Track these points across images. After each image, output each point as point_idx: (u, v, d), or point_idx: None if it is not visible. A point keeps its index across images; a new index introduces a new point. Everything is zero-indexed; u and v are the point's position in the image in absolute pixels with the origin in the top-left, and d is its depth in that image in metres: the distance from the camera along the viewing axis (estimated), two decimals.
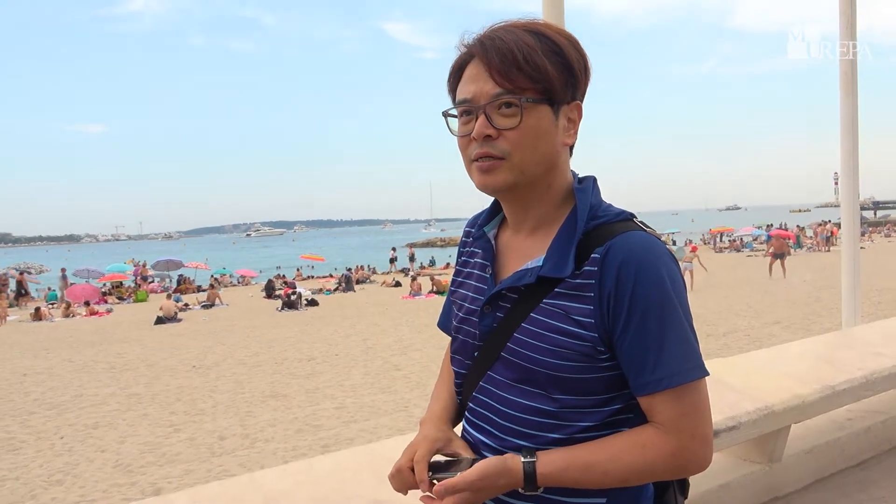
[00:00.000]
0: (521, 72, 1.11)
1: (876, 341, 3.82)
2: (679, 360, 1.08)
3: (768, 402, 2.85)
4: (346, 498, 1.98)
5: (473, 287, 1.29)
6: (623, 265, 1.08)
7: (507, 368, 1.18)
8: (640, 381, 1.09)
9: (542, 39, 1.14)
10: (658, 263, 1.09)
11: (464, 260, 1.38)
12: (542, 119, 1.14)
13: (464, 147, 1.18)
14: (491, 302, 1.21)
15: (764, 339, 11.55)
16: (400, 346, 13.64)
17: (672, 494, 1.25)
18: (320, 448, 7.39)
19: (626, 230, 1.12)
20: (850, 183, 4.80)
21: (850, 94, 4.63)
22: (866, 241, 38.49)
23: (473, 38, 1.17)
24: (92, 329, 20.17)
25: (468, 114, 1.16)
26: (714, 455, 1.74)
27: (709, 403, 1.12)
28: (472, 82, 1.15)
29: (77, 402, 10.34)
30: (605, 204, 1.21)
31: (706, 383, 1.13)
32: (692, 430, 1.09)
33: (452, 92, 1.22)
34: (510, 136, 1.12)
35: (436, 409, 1.36)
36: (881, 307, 13.47)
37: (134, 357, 14.25)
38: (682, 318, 1.10)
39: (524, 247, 1.23)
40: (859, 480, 3.31)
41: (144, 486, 6.66)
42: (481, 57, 1.14)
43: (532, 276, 1.15)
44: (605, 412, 1.14)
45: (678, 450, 1.09)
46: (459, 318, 1.30)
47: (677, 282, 1.12)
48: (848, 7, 4.57)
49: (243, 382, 11.13)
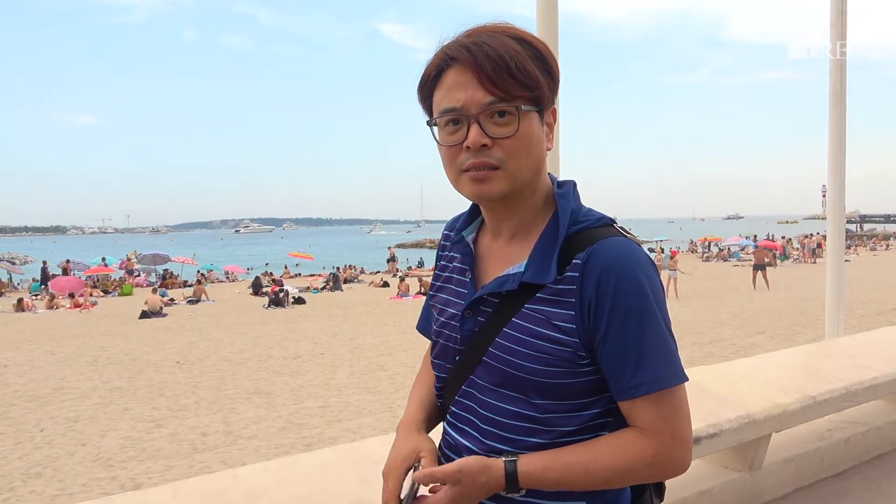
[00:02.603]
0: (514, 79, 1.10)
1: (858, 353, 3.85)
2: (659, 366, 1.09)
3: (750, 410, 2.87)
4: (328, 496, 1.98)
5: (453, 291, 1.29)
6: (604, 271, 1.08)
7: (488, 373, 1.18)
8: (622, 386, 1.10)
9: (525, 45, 1.13)
10: (638, 269, 1.10)
11: (442, 264, 1.37)
12: (533, 126, 1.14)
13: (452, 157, 1.15)
14: (472, 307, 1.21)
15: (748, 348, 11.64)
16: (386, 347, 13.62)
17: (648, 497, 1.26)
18: (303, 447, 7.37)
19: (607, 235, 1.13)
20: (837, 195, 4.85)
21: (839, 107, 4.68)
22: (851, 254, 38.84)
23: (455, 44, 1.13)
24: (76, 321, 20.01)
25: (455, 123, 1.13)
26: (694, 462, 1.75)
27: (688, 408, 1.14)
28: (460, 90, 1.11)
29: (58, 395, 10.26)
30: (585, 209, 1.21)
31: (685, 388, 1.14)
32: (672, 433, 1.10)
33: (427, 99, 1.18)
34: (506, 145, 1.11)
35: (412, 413, 1.35)
36: (864, 320, 13.60)
37: (117, 351, 14.15)
38: (662, 324, 1.11)
39: (504, 252, 1.22)
40: (838, 490, 3.34)
41: (124, 480, 6.62)
42: (469, 64, 1.10)
43: (514, 282, 1.15)
44: (586, 416, 1.15)
45: (658, 452, 1.10)
46: (440, 322, 1.29)
47: (657, 288, 1.13)
48: (838, 21, 4.62)
49: (227, 379, 11.08)
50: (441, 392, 1.31)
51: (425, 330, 1.43)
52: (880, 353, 3.84)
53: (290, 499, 1.97)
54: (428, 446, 1.24)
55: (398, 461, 1.21)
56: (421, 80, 1.19)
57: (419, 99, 1.21)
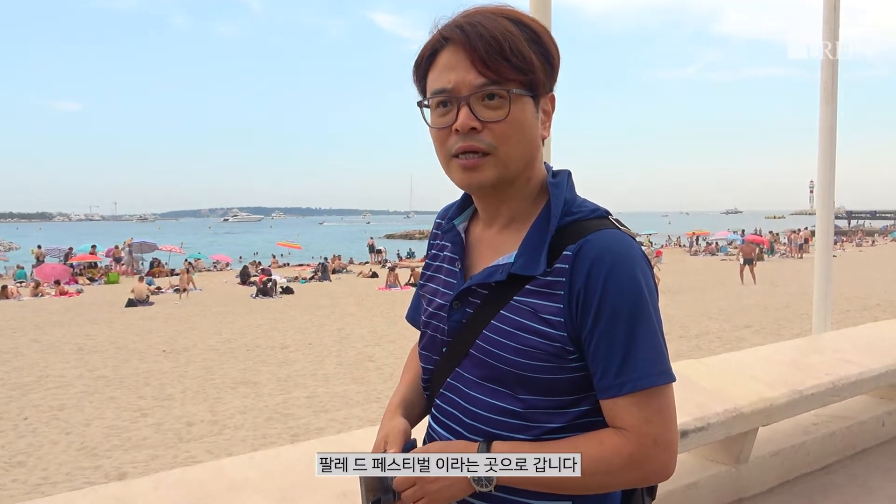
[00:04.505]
0: (507, 62, 1.06)
1: (844, 348, 3.87)
2: (646, 364, 1.05)
3: (737, 404, 2.88)
4: (312, 488, 1.96)
5: (442, 281, 1.26)
6: (595, 263, 1.05)
7: (474, 366, 1.15)
8: (604, 384, 1.06)
9: (521, 27, 1.10)
10: (632, 263, 1.06)
11: (433, 253, 1.34)
12: (526, 111, 1.10)
13: (442, 140, 1.12)
14: (460, 297, 1.18)
15: (734, 342, 11.70)
16: (374, 337, 13.61)
17: (640, 496, 1.22)
18: (290, 437, 7.35)
19: (600, 228, 1.09)
20: (826, 192, 4.86)
21: (830, 103, 4.68)
22: (837, 249, 39.19)
23: (450, 24, 1.11)
24: (61, 309, 19.84)
25: (445, 104, 1.10)
26: (681, 455, 1.73)
27: (675, 410, 1.09)
28: (451, 71, 1.08)
29: (42, 383, 10.17)
30: (579, 199, 1.17)
31: (673, 389, 1.09)
32: (654, 436, 1.05)
33: (422, 80, 1.15)
34: (496, 129, 1.08)
35: (391, 401, 1.34)
36: (849, 315, 13.72)
37: (103, 339, 14.05)
38: (653, 322, 1.07)
39: (496, 242, 1.19)
40: (823, 484, 3.36)
41: (109, 470, 6.58)
42: (462, 44, 1.07)
43: (503, 274, 1.12)
44: (572, 414, 1.12)
45: (637, 453, 1.05)
46: (429, 312, 1.26)
47: (650, 284, 1.09)
48: (831, 17, 4.62)
49: (214, 368, 11.03)
50: (428, 384, 1.28)
51: (414, 320, 1.40)
52: (866, 349, 3.87)
53: (274, 491, 1.95)
54: (397, 428, 1.22)
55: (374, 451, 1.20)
56: (416, 61, 1.16)
57: (414, 80, 1.18)
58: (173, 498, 1.90)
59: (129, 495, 1.91)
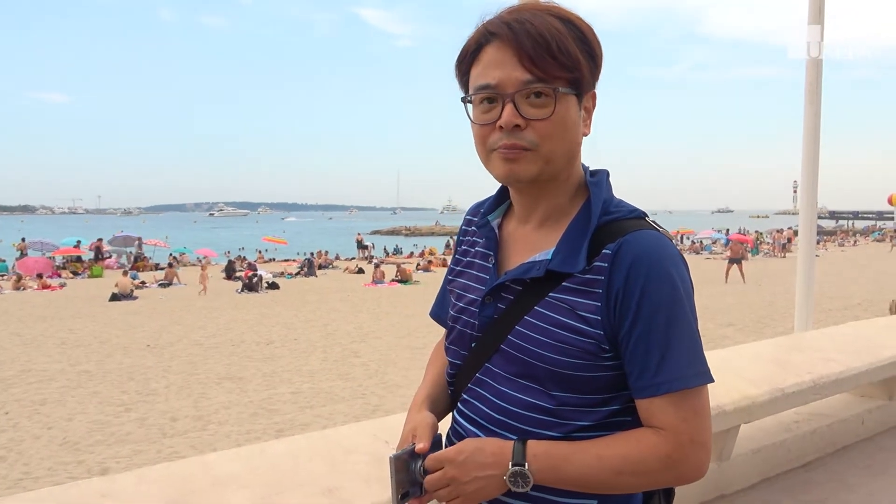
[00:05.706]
0: (554, 60, 1.06)
1: (826, 346, 3.91)
2: (684, 365, 1.06)
3: (719, 401, 2.90)
4: (297, 483, 1.95)
5: (474, 276, 1.25)
6: (634, 263, 1.06)
7: (506, 361, 1.15)
8: (642, 384, 1.07)
9: (569, 25, 1.09)
10: (669, 264, 1.07)
11: (464, 249, 1.33)
12: (570, 109, 1.11)
13: (483, 136, 1.12)
14: (493, 293, 1.18)
15: (717, 340, 11.79)
16: (360, 333, 13.58)
17: (658, 500, 1.22)
18: (275, 433, 7.33)
19: (638, 228, 1.10)
20: (810, 192, 4.90)
21: (814, 103, 4.72)
22: (820, 249, 39.58)
23: (496, 20, 1.10)
24: (43, 303, 19.64)
25: (490, 101, 1.10)
26: None
27: (710, 410, 1.10)
28: (497, 67, 1.08)
29: (24, 378, 10.07)
30: (616, 199, 1.18)
31: (708, 390, 1.10)
32: (691, 435, 1.06)
33: (465, 75, 1.15)
34: (540, 127, 1.08)
35: (417, 395, 1.34)
36: (831, 314, 13.87)
37: (86, 333, 13.92)
38: (691, 323, 1.08)
39: (531, 238, 1.19)
40: (804, 481, 3.40)
41: (91, 465, 6.53)
42: (509, 41, 1.07)
43: (540, 270, 1.12)
44: (603, 412, 1.12)
45: (674, 453, 1.06)
46: (458, 307, 1.26)
47: (687, 284, 1.10)
48: (817, 18, 4.65)
49: (198, 363, 10.97)
50: (453, 379, 1.28)
51: (439, 316, 1.39)
52: (847, 347, 3.91)
53: (260, 486, 1.94)
54: (425, 421, 1.22)
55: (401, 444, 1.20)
56: (459, 55, 1.15)
57: (457, 74, 1.17)
58: (157, 493, 1.89)
59: (112, 490, 1.90)
